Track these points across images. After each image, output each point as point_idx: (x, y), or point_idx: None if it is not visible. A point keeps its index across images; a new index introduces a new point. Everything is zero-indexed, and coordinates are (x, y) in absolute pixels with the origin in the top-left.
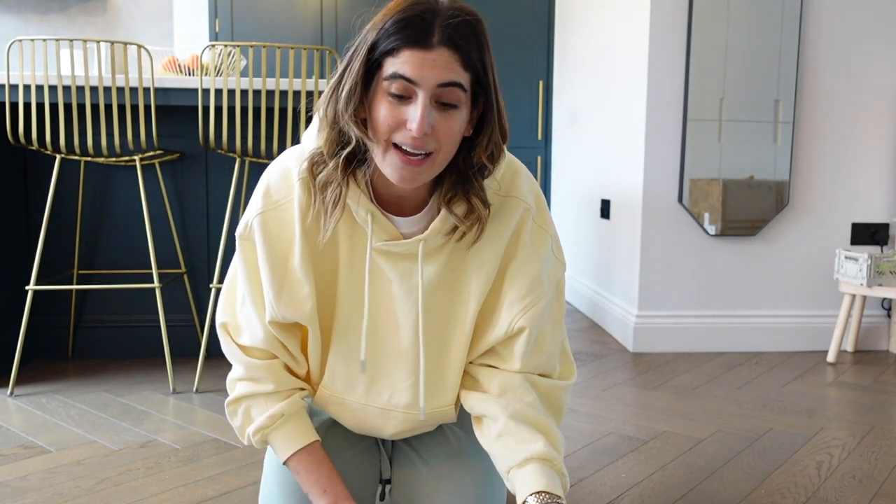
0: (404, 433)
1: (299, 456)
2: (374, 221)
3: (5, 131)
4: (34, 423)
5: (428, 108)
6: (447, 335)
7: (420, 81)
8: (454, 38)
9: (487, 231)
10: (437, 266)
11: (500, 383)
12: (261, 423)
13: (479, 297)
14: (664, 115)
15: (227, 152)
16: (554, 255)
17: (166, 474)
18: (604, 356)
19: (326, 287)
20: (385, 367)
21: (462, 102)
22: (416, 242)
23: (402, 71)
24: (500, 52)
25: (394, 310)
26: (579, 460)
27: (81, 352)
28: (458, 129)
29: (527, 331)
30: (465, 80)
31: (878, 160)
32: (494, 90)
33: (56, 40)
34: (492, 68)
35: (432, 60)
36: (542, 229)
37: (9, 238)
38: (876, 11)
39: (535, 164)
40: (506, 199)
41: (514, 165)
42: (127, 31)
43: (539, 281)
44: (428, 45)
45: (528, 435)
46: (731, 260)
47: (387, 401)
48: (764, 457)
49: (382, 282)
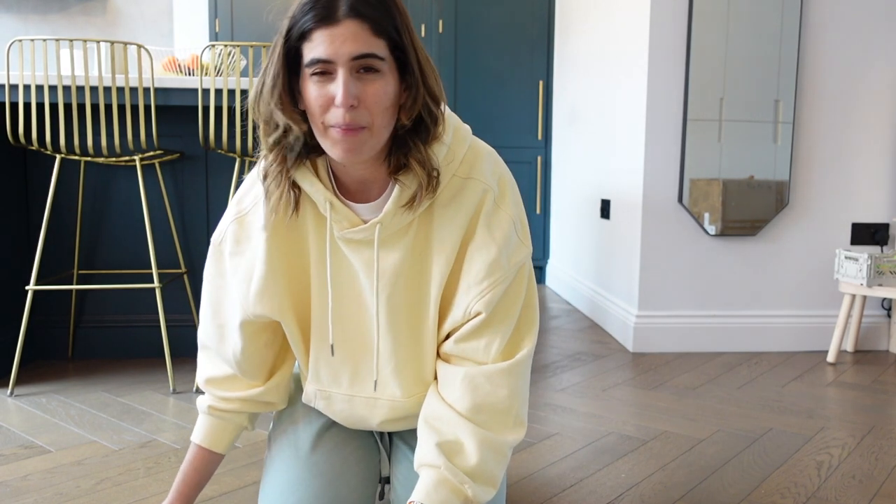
0: (392, 422)
1: (196, 450)
2: (332, 210)
3: (5, 131)
4: (34, 423)
5: (349, 80)
6: (417, 320)
7: (334, 58)
8: (358, 8)
9: (447, 213)
10: (401, 251)
11: (466, 375)
12: (213, 401)
13: (440, 280)
14: (664, 115)
15: (227, 152)
16: (518, 237)
17: (166, 474)
18: (604, 356)
19: (300, 281)
20: (360, 356)
21: (382, 68)
22: (373, 226)
23: (317, 54)
24: (501, 52)
25: (363, 298)
26: (579, 460)
27: (81, 352)
28: (384, 95)
29: (482, 315)
30: (380, 46)
31: (878, 160)
32: (414, 50)
33: (56, 40)
34: (407, 30)
35: (341, 35)
36: (503, 211)
37: (9, 238)
38: (876, 11)
39: (535, 164)
40: (466, 180)
41: (478, 148)
42: (127, 31)
43: (498, 264)
44: (334, 20)
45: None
46: (731, 260)
47: (370, 390)
48: (764, 457)
49: (350, 271)
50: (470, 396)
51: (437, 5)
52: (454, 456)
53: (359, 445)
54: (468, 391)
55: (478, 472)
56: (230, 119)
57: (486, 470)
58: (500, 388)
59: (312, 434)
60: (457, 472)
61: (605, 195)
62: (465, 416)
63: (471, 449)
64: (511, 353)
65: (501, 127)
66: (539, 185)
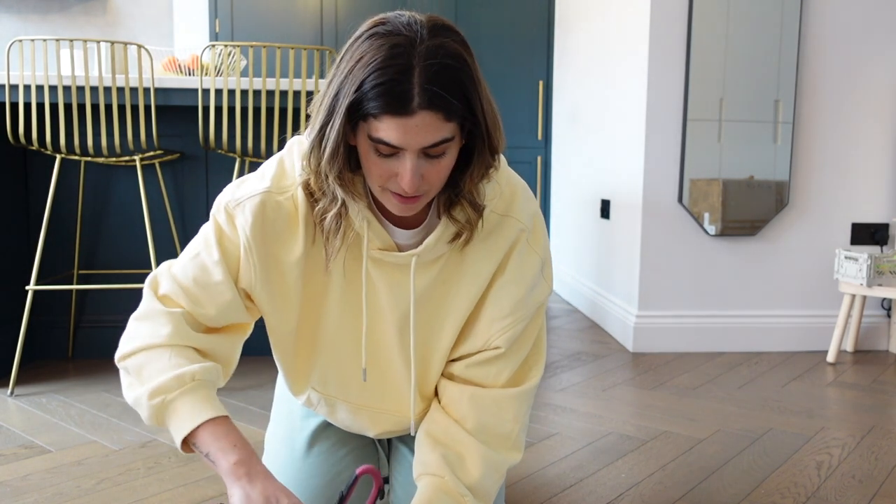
0: (389, 433)
1: (214, 423)
2: (369, 228)
3: (5, 131)
4: (34, 423)
5: (416, 164)
6: (433, 343)
7: (405, 146)
8: (434, 100)
9: (482, 248)
10: (430, 278)
11: (472, 396)
12: (162, 383)
13: (464, 311)
14: (664, 115)
15: (227, 152)
16: (543, 277)
17: (166, 474)
18: (604, 356)
19: (314, 291)
20: (377, 373)
21: (450, 147)
22: (409, 256)
23: (387, 138)
24: (501, 52)
25: (384, 318)
26: (579, 460)
27: (81, 352)
28: (447, 169)
29: (500, 350)
30: (451, 129)
31: (878, 160)
32: (484, 120)
33: (56, 40)
34: (478, 101)
35: (415, 126)
36: (535, 252)
37: (9, 238)
38: (876, 11)
39: (535, 164)
40: (503, 218)
41: (514, 183)
42: (127, 31)
43: (523, 303)
44: (408, 111)
45: (463, 461)
46: (731, 260)
47: (378, 404)
48: (764, 457)
49: (373, 290)
50: (475, 415)
51: (437, 6)
52: (457, 469)
53: (356, 446)
54: (473, 410)
55: (478, 487)
56: (230, 119)
57: (484, 486)
58: (505, 412)
59: (309, 434)
60: (459, 484)
61: (605, 195)
62: (470, 433)
63: (474, 464)
64: (518, 382)
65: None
66: (539, 185)
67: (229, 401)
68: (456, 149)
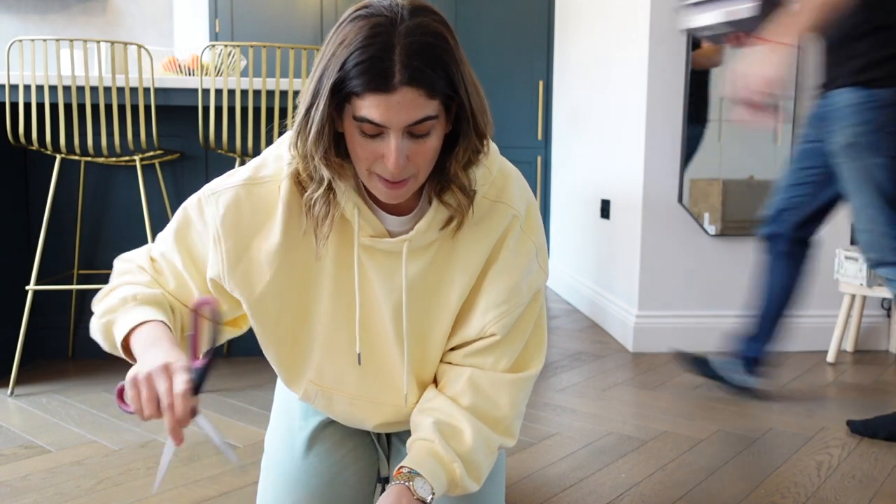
0: (389, 425)
1: (147, 326)
2: (360, 216)
3: (5, 131)
4: (34, 423)
5: (400, 144)
6: (426, 330)
7: (388, 124)
8: (416, 75)
9: (474, 234)
10: (422, 264)
11: (470, 378)
12: (110, 304)
13: (458, 298)
14: (664, 115)
15: (227, 152)
16: (538, 264)
17: (166, 474)
18: (604, 356)
19: (304, 280)
20: (373, 363)
21: (434, 127)
22: (401, 242)
23: (370, 116)
24: (501, 52)
25: (378, 306)
26: (579, 460)
27: (81, 352)
28: (433, 151)
29: (497, 337)
30: (434, 107)
31: None
32: (468, 99)
33: (56, 40)
34: (461, 79)
35: (397, 103)
36: (528, 237)
37: (9, 238)
38: None
39: (535, 164)
40: (495, 203)
41: (507, 170)
42: (127, 31)
43: (518, 290)
44: (390, 87)
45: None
46: (731, 260)
47: (376, 394)
48: (764, 457)
49: (366, 278)
50: (471, 394)
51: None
52: (450, 438)
53: (356, 445)
54: (469, 389)
55: (469, 458)
56: (230, 119)
57: (476, 459)
58: (501, 396)
59: (308, 435)
60: (449, 450)
61: (605, 195)
62: (464, 409)
63: (466, 435)
64: (517, 370)
65: (501, 127)
66: (539, 185)
67: (229, 401)
68: (441, 130)
